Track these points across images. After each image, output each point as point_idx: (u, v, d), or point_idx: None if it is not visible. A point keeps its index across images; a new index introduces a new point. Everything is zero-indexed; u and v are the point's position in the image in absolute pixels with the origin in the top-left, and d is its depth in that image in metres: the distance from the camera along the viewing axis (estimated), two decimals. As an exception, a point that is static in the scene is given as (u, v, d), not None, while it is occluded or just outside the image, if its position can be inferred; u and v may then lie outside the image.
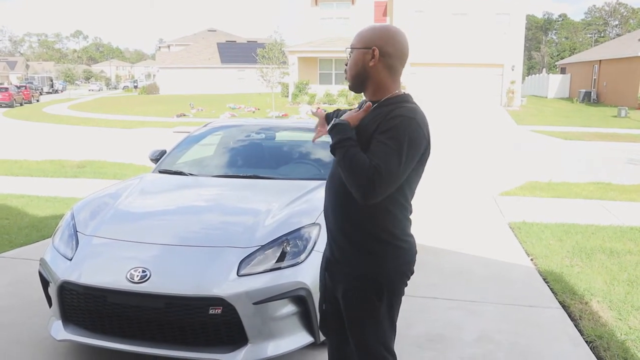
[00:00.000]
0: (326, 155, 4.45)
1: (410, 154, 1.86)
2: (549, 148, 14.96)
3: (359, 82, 2.04)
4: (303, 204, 3.42)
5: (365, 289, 2.00)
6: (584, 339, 3.49)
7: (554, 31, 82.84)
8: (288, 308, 2.86)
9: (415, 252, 2.09)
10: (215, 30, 62.26)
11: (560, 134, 18.19)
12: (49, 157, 11.81)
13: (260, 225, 3.12)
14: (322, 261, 2.24)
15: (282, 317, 2.85)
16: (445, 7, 28.77)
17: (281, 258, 2.94)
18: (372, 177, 1.79)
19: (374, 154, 1.83)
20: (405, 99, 2.00)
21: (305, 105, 27.43)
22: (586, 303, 4.02)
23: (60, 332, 2.98)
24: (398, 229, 2.00)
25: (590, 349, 3.36)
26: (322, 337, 2.99)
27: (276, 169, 4.37)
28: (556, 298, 4.16)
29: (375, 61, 1.98)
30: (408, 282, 2.09)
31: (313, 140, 2.18)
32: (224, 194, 3.88)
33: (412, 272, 2.08)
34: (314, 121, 5.76)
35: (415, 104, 1.99)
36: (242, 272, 2.82)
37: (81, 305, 2.91)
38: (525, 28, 31.95)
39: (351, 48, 2.04)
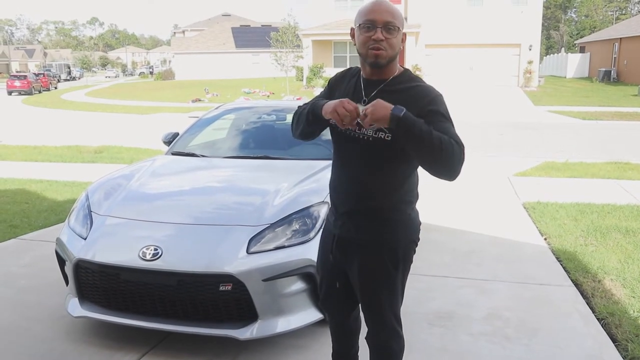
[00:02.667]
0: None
1: None
2: (566, 128, 14.74)
3: (389, 61, 1.98)
4: (312, 183, 3.44)
5: (383, 259, 2.06)
6: (595, 316, 3.48)
7: (574, 9, 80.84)
8: (297, 285, 2.91)
9: (418, 221, 2.17)
10: (229, 15, 62.19)
11: (579, 113, 17.90)
12: (67, 143, 11.99)
13: (270, 204, 3.16)
14: (326, 240, 2.26)
15: (292, 294, 2.90)
16: (461, -13, 28.27)
17: (290, 236, 2.97)
18: (462, 152, 1.84)
19: (446, 134, 1.85)
20: (413, 76, 2.05)
21: (319, 88, 27.31)
22: (599, 281, 4.00)
23: (76, 309, 3.06)
24: (413, 197, 2.10)
25: (602, 325, 3.35)
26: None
27: (287, 149, 4.39)
28: (569, 276, 4.14)
29: (403, 43, 2.03)
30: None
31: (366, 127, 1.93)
32: (235, 174, 3.92)
33: (419, 240, 2.16)
34: None
35: (419, 78, 2.06)
36: (252, 249, 2.86)
37: (96, 282, 2.98)
38: (544, 7, 31.31)
39: (397, 27, 1.95)
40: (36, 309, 3.60)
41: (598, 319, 3.44)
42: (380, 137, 1.96)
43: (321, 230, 2.99)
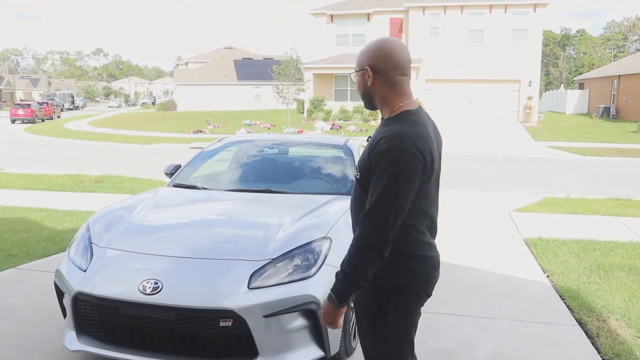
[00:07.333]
0: (338, 171, 4.47)
1: (402, 184, 1.82)
2: (567, 164, 14.79)
3: (367, 101, 2.10)
4: (314, 218, 3.43)
5: (370, 303, 2.01)
6: (601, 357, 3.42)
7: (572, 47, 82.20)
8: (298, 321, 2.86)
9: (427, 272, 2.04)
10: (232, 48, 63.02)
11: (579, 149, 18.00)
12: (68, 171, 12.00)
13: (272, 238, 3.14)
14: None
15: (293, 331, 2.85)
16: (461, 24, 28.81)
17: (292, 271, 2.94)
18: (372, 238, 1.84)
19: (369, 201, 1.87)
20: (399, 119, 1.94)
21: (320, 121, 27.53)
22: (604, 320, 3.94)
23: (73, 342, 3.01)
24: (410, 246, 1.97)
25: (607, 367, 3.30)
26: (333, 351, 2.98)
27: (289, 183, 4.39)
28: (573, 315, 4.09)
29: (372, 80, 1.99)
30: (423, 302, 2.05)
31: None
32: (237, 207, 3.91)
33: (427, 293, 2.04)
34: (324, 136, 5.78)
35: (407, 123, 1.91)
36: (253, 285, 2.83)
37: (94, 316, 2.94)
38: (543, 44, 31.80)
39: (355, 70, 2.09)
40: (33, 341, 3.54)
41: (604, 359, 3.38)
42: (356, 177, 2.03)
43: (323, 265, 2.99)
